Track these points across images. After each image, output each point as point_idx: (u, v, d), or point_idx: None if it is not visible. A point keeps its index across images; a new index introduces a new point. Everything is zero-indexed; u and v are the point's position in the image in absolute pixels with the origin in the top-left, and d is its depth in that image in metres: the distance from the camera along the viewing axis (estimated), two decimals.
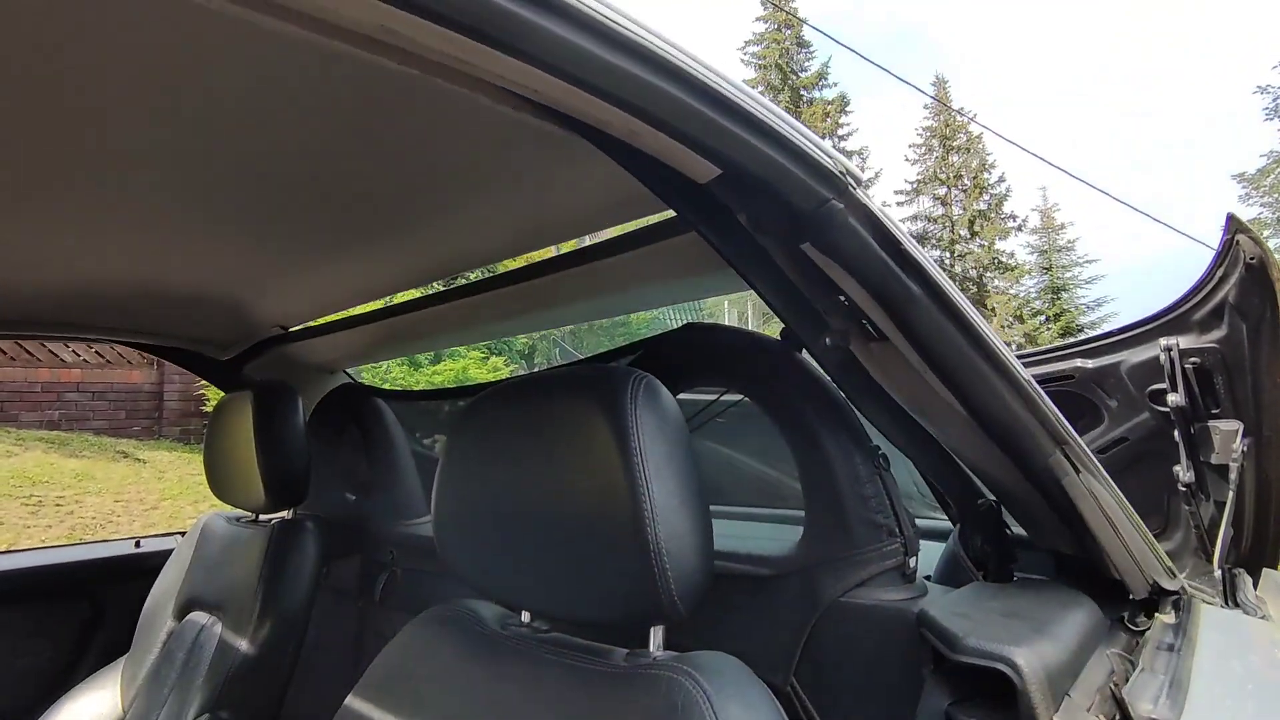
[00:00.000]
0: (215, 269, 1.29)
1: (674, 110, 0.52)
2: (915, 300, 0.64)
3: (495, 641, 0.82)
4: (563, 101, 0.51)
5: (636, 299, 1.15)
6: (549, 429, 0.73)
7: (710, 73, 0.53)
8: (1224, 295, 1.00)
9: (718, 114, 0.54)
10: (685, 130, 0.54)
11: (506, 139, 0.77)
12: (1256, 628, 0.86)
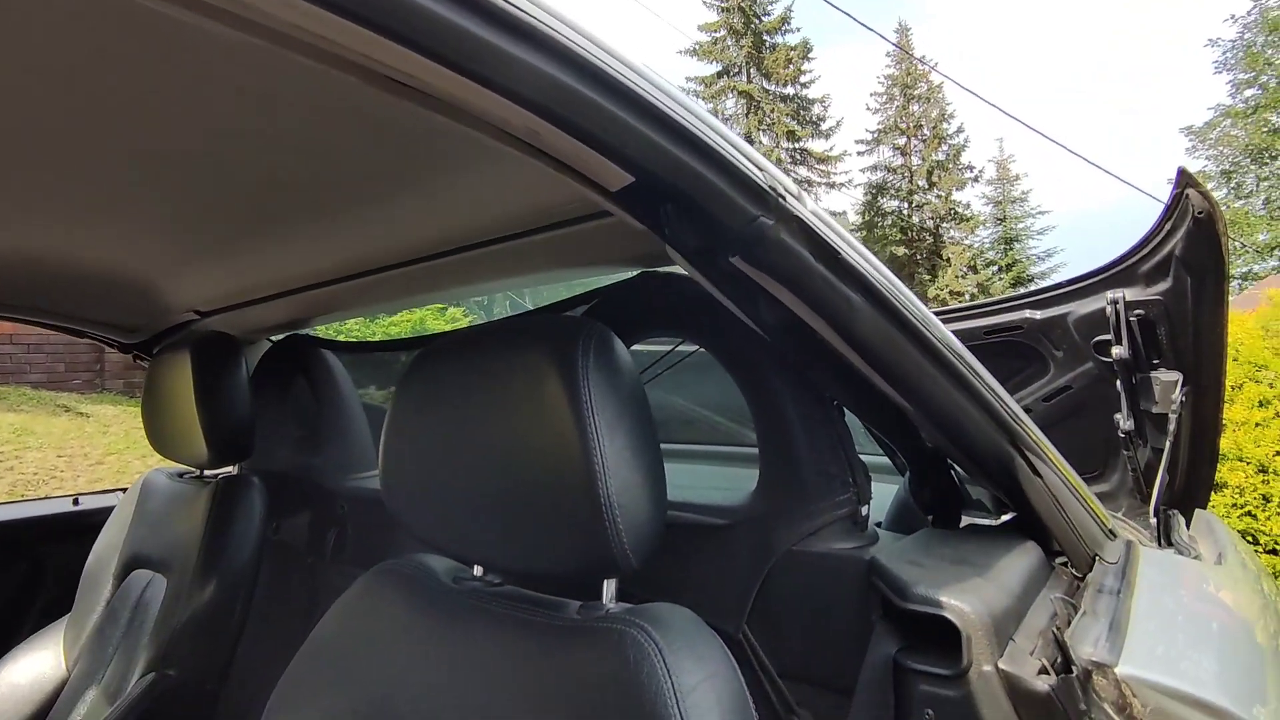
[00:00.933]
0: (125, 252, 1.22)
1: (577, 109, 0.47)
2: (857, 310, 0.63)
3: (447, 596, 0.81)
4: (455, 95, 0.46)
5: (565, 274, 1.11)
6: (499, 381, 0.71)
7: (623, 67, 0.48)
8: (1171, 248, 1.02)
9: (630, 116, 0.49)
10: (590, 132, 0.49)
11: (420, 135, 0.72)
12: (1189, 567, 0.90)
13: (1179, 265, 1.02)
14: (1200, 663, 0.65)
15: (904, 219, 20.82)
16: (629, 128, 0.49)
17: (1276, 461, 4.34)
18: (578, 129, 0.48)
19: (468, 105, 0.47)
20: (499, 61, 0.42)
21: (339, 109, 0.68)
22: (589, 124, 0.48)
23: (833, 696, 0.87)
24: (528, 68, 0.43)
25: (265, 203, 0.98)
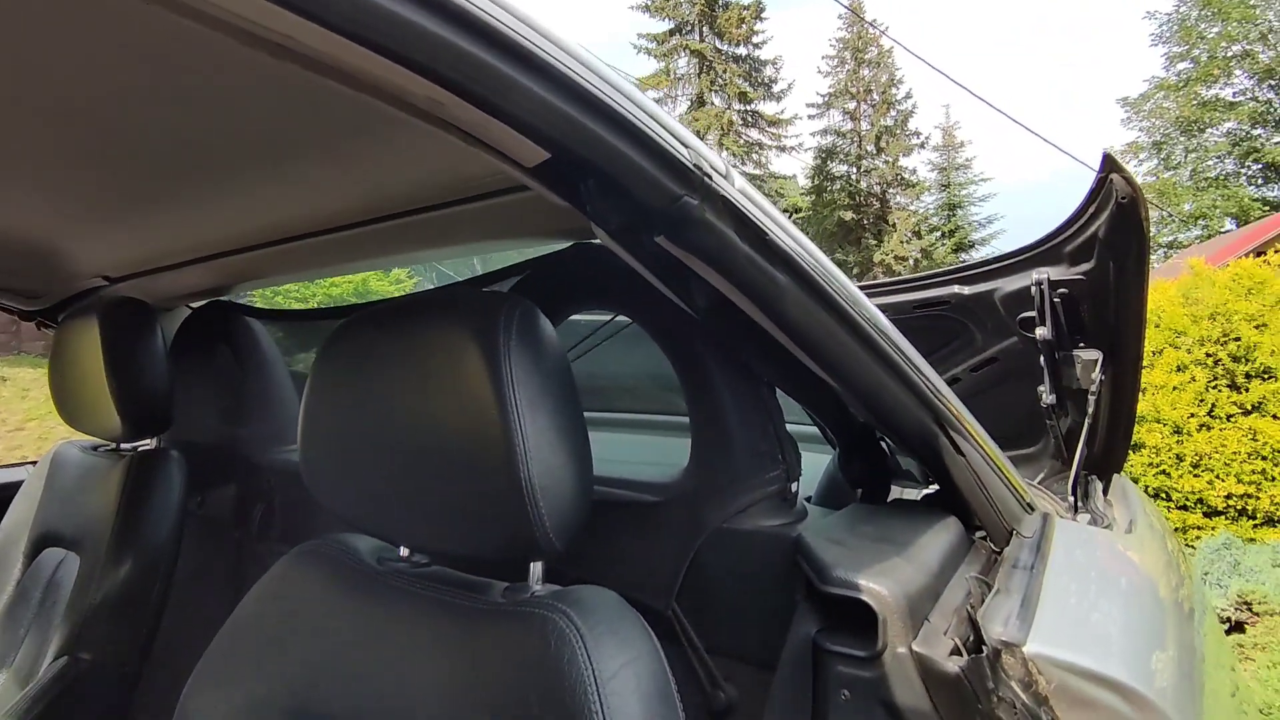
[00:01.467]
0: (22, 214, 1.13)
1: (482, 80, 0.43)
2: (784, 292, 0.61)
3: (371, 578, 0.79)
4: (341, 58, 0.42)
5: (493, 246, 1.06)
6: (420, 357, 0.68)
7: (536, 35, 0.44)
8: (1095, 230, 1.04)
9: (543, 89, 0.45)
10: (498, 105, 0.45)
11: (322, 99, 0.67)
12: (1100, 538, 0.93)
13: (1102, 247, 1.04)
14: (1103, 636, 0.68)
15: (852, 184, 21.03)
16: (542, 101, 0.46)
17: (1190, 423, 4.59)
18: (484, 102, 0.45)
19: (359, 71, 0.43)
20: (388, 24, 0.38)
21: (236, 69, 0.63)
22: (496, 97, 0.44)
23: (758, 671, 0.88)
24: (422, 32, 0.39)
25: (173, 165, 0.92)
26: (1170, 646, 0.81)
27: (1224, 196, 20.16)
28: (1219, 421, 4.55)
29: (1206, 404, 4.59)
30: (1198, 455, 4.53)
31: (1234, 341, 4.62)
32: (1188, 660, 0.84)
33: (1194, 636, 0.95)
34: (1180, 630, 0.89)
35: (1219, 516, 4.52)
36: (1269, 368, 4.49)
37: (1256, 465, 4.38)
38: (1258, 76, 19.80)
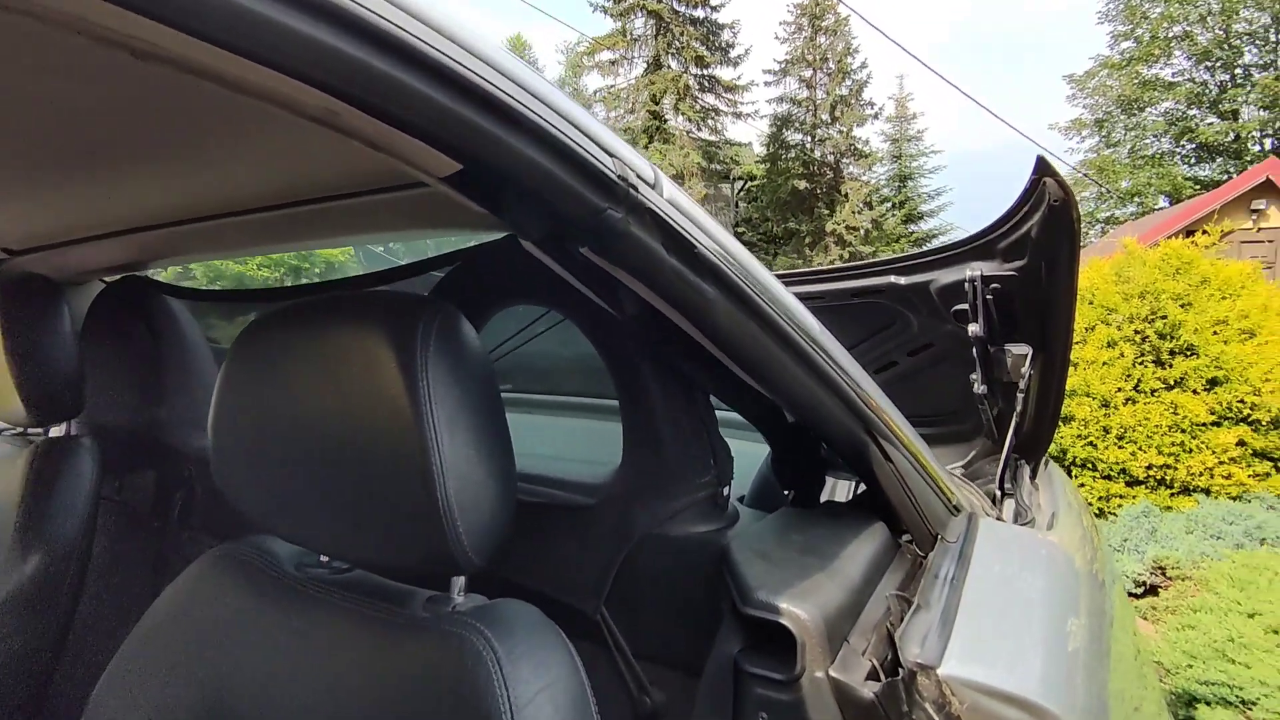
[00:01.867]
0: None
1: (379, 91, 0.39)
2: (713, 304, 0.59)
3: (289, 585, 0.76)
4: (219, 69, 0.37)
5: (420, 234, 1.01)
6: (335, 362, 0.65)
7: (438, 39, 0.40)
8: (1028, 229, 1.05)
9: (448, 99, 0.41)
10: (399, 116, 0.41)
11: (222, 94, 0.62)
12: (1023, 540, 0.95)
13: (1035, 246, 1.05)
14: (1017, 653, 0.69)
15: (806, 153, 21.08)
16: (448, 112, 0.42)
17: (1118, 397, 4.80)
18: (383, 113, 0.41)
19: (239, 79, 0.39)
20: (249, 25, 0.34)
21: (110, 68, 0.57)
22: (395, 107, 0.41)
23: (685, 677, 0.89)
24: (296, 36, 0.35)
25: (76, 138, 0.84)
26: (1084, 615, 0.88)
27: (1159, 175, 20.91)
28: (1144, 396, 4.76)
29: (1133, 379, 4.80)
30: (1123, 428, 4.74)
31: (1161, 319, 4.82)
32: (1099, 625, 0.91)
33: (1105, 604, 1.02)
34: (1093, 599, 0.96)
35: (1140, 486, 4.76)
36: (1191, 345, 4.71)
37: (1176, 438, 4.61)
38: (1195, 58, 20.44)
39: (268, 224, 1.00)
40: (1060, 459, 4.96)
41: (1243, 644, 2.77)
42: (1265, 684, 2.57)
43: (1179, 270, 5.00)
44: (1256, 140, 20.31)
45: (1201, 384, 4.64)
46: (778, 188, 20.75)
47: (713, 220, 0.62)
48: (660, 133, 18.88)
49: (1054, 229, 0.99)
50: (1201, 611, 3.08)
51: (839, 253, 20.01)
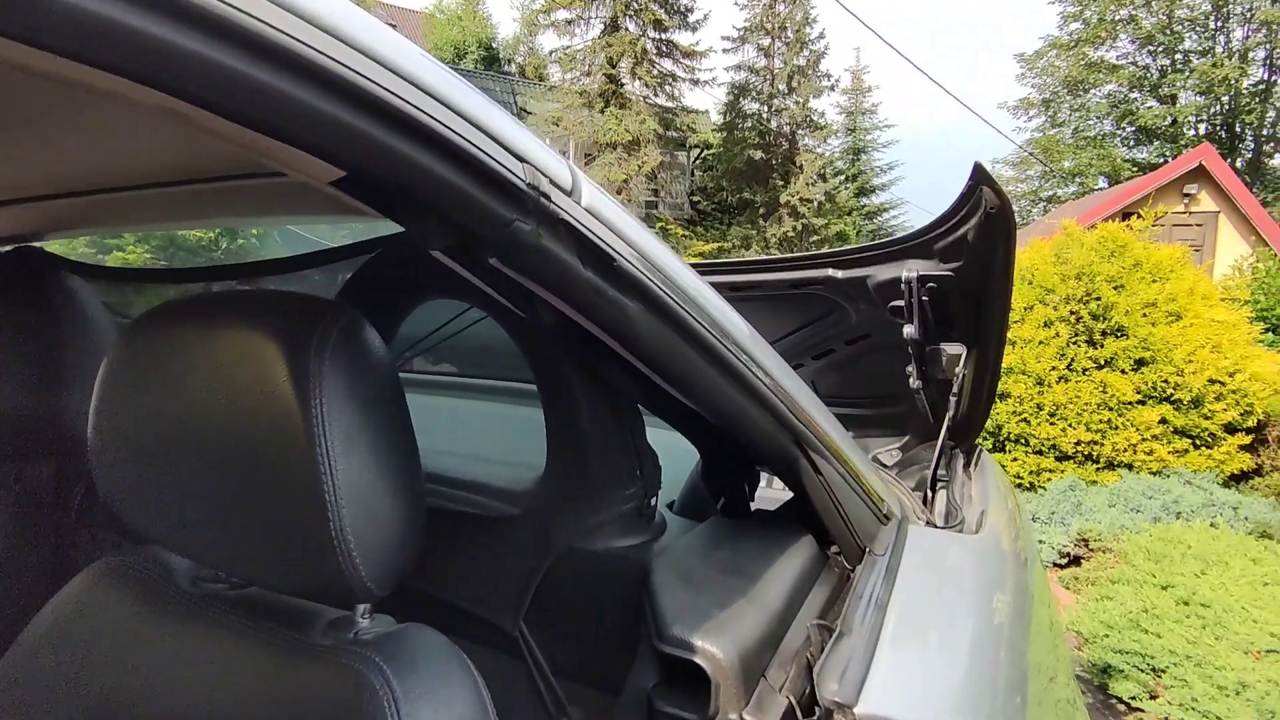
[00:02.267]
0: None
1: (230, 91, 0.34)
2: (634, 321, 0.56)
3: (182, 602, 0.71)
4: (41, 66, 0.32)
5: (329, 219, 0.94)
6: (226, 368, 0.59)
7: (295, 22, 0.34)
8: (965, 232, 1.04)
9: (319, 99, 0.36)
10: (259, 119, 0.36)
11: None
12: (949, 551, 0.95)
13: (971, 249, 1.05)
14: (938, 685, 0.69)
15: (763, 123, 20.99)
16: (320, 115, 0.37)
17: (1051, 376, 4.96)
18: (239, 115, 0.36)
19: (72, 78, 0.33)
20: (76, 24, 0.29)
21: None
22: (250, 110, 0.35)
23: (604, 695, 0.87)
24: (131, 33, 0.30)
25: None
26: (1008, 592, 0.91)
27: (1099, 156, 21.52)
28: (1076, 375, 4.94)
29: (1067, 358, 4.96)
30: (1055, 405, 4.92)
31: (1095, 301, 4.98)
32: (1022, 600, 0.94)
33: (1027, 580, 1.06)
34: (1017, 576, 1.00)
35: (1069, 461, 4.96)
36: (1122, 326, 4.88)
37: (1103, 415, 4.80)
38: (1139, 42, 20.95)
39: (165, 200, 0.93)
40: (995, 434, 5.12)
41: (1155, 615, 2.92)
42: (1174, 653, 2.72)
43: (1114, 253, 5.16)
44: (1192, 125, 21.05)
45: (1130, 364, 4.83)
46: (733, 157, 20.65)
47: (640, 227, 0.58)
48: (617, 97, 18.51)
49: (990, 233, 0.99)
50: (1119, 583, 3.24)
51: (792, 224, 20.10)
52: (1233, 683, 2.56)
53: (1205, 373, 4.68)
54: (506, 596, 0.90)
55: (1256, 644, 2.70)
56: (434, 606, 0.96)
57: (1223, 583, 3.05)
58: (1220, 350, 4.76)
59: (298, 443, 0.54)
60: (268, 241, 6.01)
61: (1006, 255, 1.00)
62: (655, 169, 18.34)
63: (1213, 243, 10.87)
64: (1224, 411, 4.70)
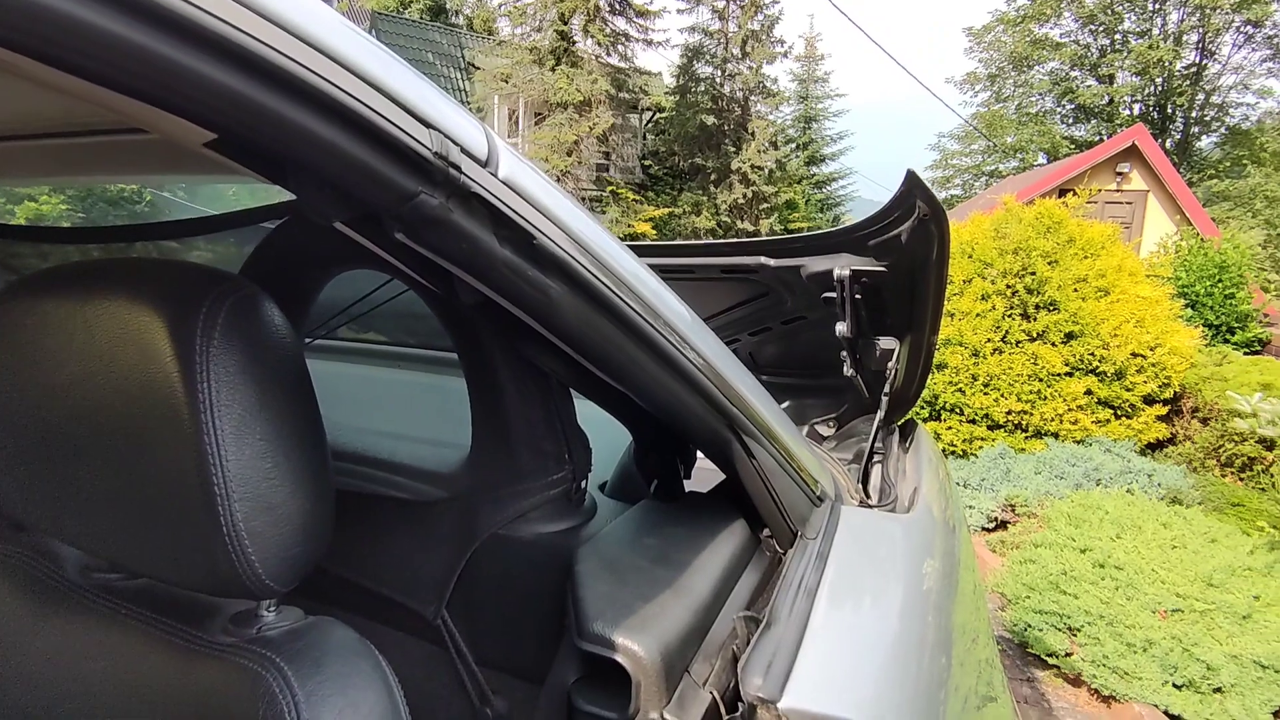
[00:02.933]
0: None
1: (67, 41, 0.29)
2: (557, 303, 0.52)
3: (71, 595, 0.66)
4: None
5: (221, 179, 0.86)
6: (105, 344, 0.53)
7: None
8: (898, 233, 1.03)
9: (176, 51, 0.31)
10: (98, 72, 0.31)
11: None
12: (880, 532, 0.96)
13: (904, 249, 1.04)
14: (863, 674, 0.69)
15: (716, 87, 20.78)
16: (174, 68, 0.32)
17: (986, 348, 5.12)
18: (72, 67, 0.30)
19: None
20: None
21: None
22: (91, 62, 0.30)
23: (530, 685, 0.85)
24: None
25: None
26: (938, 558, 0.94)
27: (1040, 133, 22.08)
28: (1009, 347, 5.10)
29: (1001, 330, 5.12)
30: (989, 376, 5.08)
31: (1030, 275, 5.13)
32: (950, 566, 0.97)
33: (956, 546, 1.10)
34: (945, 543, 1.03)
35: (1000, 430, 5.15)
36: (1054, 300, 5.05)
37: (1034, 386, 4.99)
38: (1082, 20, 21.40)
39: (26, 152, 0.84)
40: (931, 404, 5.27)
41: (1073, 577, 3.07)
42: (1089, 613, 2.88)
43: (1050, 229, 5.31)
44: (1127, 105, 21.72)
45: (1060, 337, 5.01)
46: (686, 121, 20.42)
47: (567, 202, 0.54)
48: (568, 55, 18.02)
49: (924, 236, 0.98)
50: (1041, 547, 3.39)
51: (743, 191, 20.09)
52: (1140, 640, 2.72)
53: (1129, 346, 4.89)
54: (429, 584, 0.87)
55: (1163, 604, 2.86)
56: (353, 592, 0.92)
57: (1135, 546, 3.22)
58: (1143, 325, 4.97)
59: (183, 430, 0.49)
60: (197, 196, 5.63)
61: (940, 255, 1.00)
62: (607, 131, 18.02)
63: (1141, 220, 11.32)
64: (1144, 384, 4.94)
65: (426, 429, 1.10)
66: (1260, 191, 18.43)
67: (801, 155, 24.67)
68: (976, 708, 0.86)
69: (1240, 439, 4.58)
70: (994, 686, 0.99)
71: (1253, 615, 2.77)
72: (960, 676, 0.85)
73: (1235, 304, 8.19)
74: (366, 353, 1.71)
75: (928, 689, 0.72)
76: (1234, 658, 2.60)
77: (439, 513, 0.87)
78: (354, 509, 0.78)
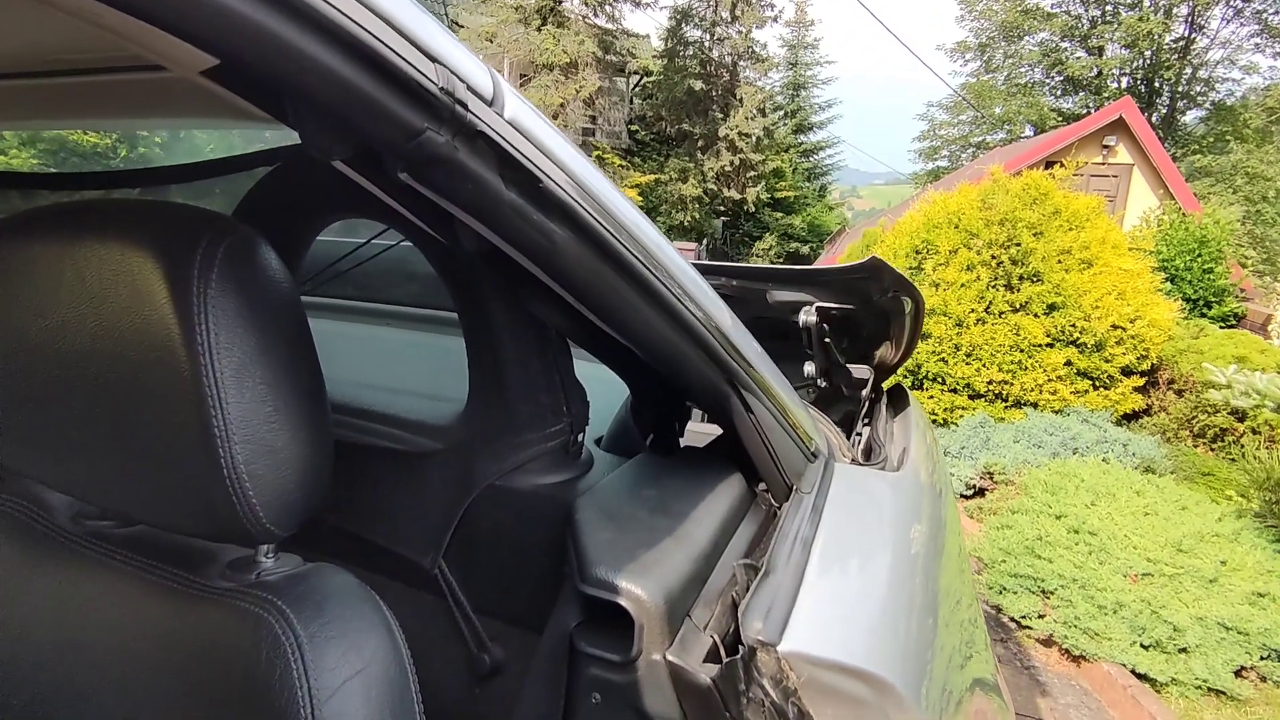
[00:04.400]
0: None
1: None
2: (560, 248, 0.51)
3: (63, 542, 0.65)
4: None
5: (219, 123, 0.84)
6: (92, 285, 0.52)
7: None
8: (867, 290, 1.04)
9: None
10: None
11: None
12: (871, 488, 0.97)
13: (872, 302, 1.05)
14: (857, 621, 0.70)
15: (705, 52, 20.48)
16: None
17: (970, 318, 5.16)
18: None
19: None
20: None
21: None
22: None
23: (527, 634, 0.86)
24: None
25: None
26: (924, 522, 0.94)
27: (1028, 104, 22.03)
28: (992, 317, 5.15)
29: (985, 301, 5.16)
30: (971, 346, 5.13)
31: (1015, 246, 5.16)
32: (936, 530, 0.98)
33: (942, 510, 1.12)
34: (932, 508, 1.04)
35: (980, 399, 5.22)
36: (1038, 272, 5.09)
37: (1015, 356, 5.05)
38: None
39: (24, 92, 0.81)
40: (915, 373, 5.33)
41: (1048, 542, 3.14)
42: (1062, 576, 2.95)
43: (1036, 200, 5.33)
44: (1115, 78, 21.69)
45: (1043, 308, 5.06)
46: (674, 86, 20.14)
47: (569, 146, 0.53)
48: (554, 15, 17.63)
49: (890, 302, 0.99)
50: (1018, 513, 3.47)
51: (730, 159, 19.94)
52: (1111, 603, 2.81)
53: (1109, 318, 4.96)
54: (425, 533, 0.87)
55: (1134, 568, 2.95)
56: (349, 542, 0.92)
57: (1109, 513, 3.30)
58: (1124, 297, 5.03)
59: (180, 373, 0.48)
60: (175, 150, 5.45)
61: (916, 317, 1.00)
62: (593, 94, 17.74)
63: (1125, 194, 11.38)
64: (1123, 355, 5.01)
65: (421, 384, 1.10)
66: (1241, 168, 18.57)
67: (789, 123, 24.47)
68: (964, 657, 0.89)
69: (1213, 410, 4.68)
70: (976, 645, 1.01)
71: (1219, 579, 2.86)
72: (945, 636, 0.87)
73: (1213, 278, 8.31)
74: (357, 311, 1.69)
75: (918, 638, 0.74)
76: (1199, 620, 2.69)
77: (436, 464, 0.87)
78: (350, 460, 0.78)
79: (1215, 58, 20.54)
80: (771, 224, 21.85)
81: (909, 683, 0.65)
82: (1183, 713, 2.55)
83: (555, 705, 0.67)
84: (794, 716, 0.60)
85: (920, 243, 5.58)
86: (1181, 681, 2.60)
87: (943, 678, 0.79)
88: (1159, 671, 2.62)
